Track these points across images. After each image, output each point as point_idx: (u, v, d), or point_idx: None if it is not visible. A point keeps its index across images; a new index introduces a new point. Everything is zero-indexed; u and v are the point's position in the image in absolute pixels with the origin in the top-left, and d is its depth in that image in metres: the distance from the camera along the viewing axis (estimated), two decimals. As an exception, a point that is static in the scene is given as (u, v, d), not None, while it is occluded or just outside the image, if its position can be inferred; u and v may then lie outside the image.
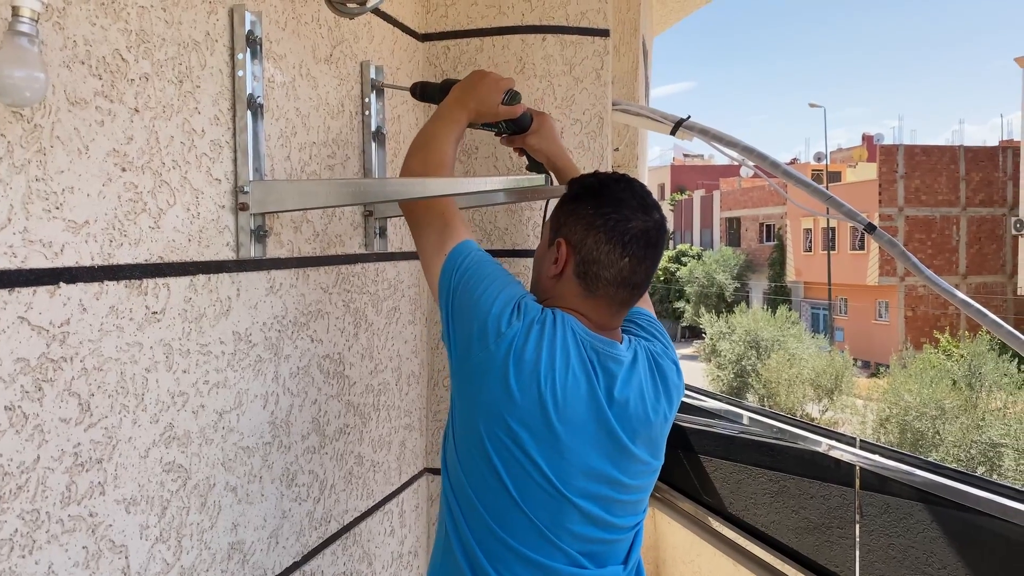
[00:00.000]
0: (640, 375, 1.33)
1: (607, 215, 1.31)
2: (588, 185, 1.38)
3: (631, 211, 1.32)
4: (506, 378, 1.23)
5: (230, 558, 1.32)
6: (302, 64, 1.51)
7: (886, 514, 3.05)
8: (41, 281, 0.97)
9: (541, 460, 1.24)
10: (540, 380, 1.23)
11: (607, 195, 1.34)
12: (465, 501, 1.30)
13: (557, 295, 1.35)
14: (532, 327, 1.25)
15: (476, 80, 1.55)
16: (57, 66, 0.98)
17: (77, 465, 1.02)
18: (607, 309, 1.34)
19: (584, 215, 1.32)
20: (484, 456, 1.26)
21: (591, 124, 2.04)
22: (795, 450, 3.50)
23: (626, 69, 2.67)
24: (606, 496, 1.30)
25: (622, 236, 1.30)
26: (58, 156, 0.99)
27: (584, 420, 1.26)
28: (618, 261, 1.30)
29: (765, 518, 3.58)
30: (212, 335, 1.27)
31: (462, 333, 1.28)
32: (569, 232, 1.34)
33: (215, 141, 1.27)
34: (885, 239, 2.08)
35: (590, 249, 1.31)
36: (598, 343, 1.30)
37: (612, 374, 1.29)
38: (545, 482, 1.25)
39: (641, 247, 1.31)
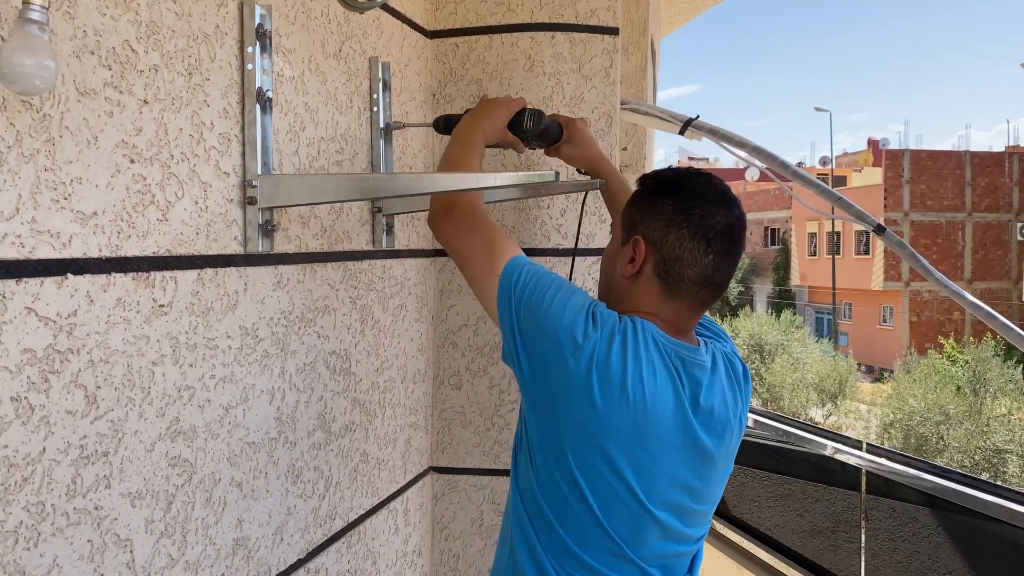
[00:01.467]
0: (721, 380, 1.29)
1: (690, 210, 1.24)
2: (666, 180, 1.32)
3: (714, 205, 1.25)
4: (590, 393, 1.17)
5: (235, 554, 1.31)
6: (311, 59, 1.51)
7: (891, 518, 3.04)
8: (49, 272, 0.96)
9: (630, 475, 1.20)
10: (628, 393, 1.17)
11: (688, 189, 1.27)
12: (540, 520, 1.25)
13: (634, 297, 1.29)
14: (613, 337, 1.18)
15: (483, 105, 1.53)
16: (67, 56, 0.98)
17: (83, 458, 1.01)
18: (687, 311, 1.28)
19: (664, 211, 1.26)
20: (568, 477, 1.21)
21: (600, 123, 2.03)
22: (800, 453, 3.49)
23: (634, 68, 2.67)
24: (685, 507, 1.26)
25: (706, 232, 1.23)
26: (67, 146, 0.98)
27: (671, 430, 1.21)
28: (702, 258, 1.24)
29: (769, 521, 3.57)
30: (219, 329, 1.26)
31: (535, 350, 1.22)
32: (647, 229, 1.27)
33: (224, 134, 1.27)
34: (894, 240, 2.07)
35: (672, 246, 1.24)
36: (682, 350, 1.24)
37: (697, 381, 1.24)
38: (631, 498, 1.21)
39: (725, 243, 1.25)
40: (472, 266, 1.33)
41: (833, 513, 3.31)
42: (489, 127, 1.49)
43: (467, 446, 2.09)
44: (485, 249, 1.31)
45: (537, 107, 1.61)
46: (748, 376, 1.39)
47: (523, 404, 1.30)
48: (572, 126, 1.65)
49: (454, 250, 1.38)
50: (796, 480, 3.54)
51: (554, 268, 2.03)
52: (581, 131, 1.66)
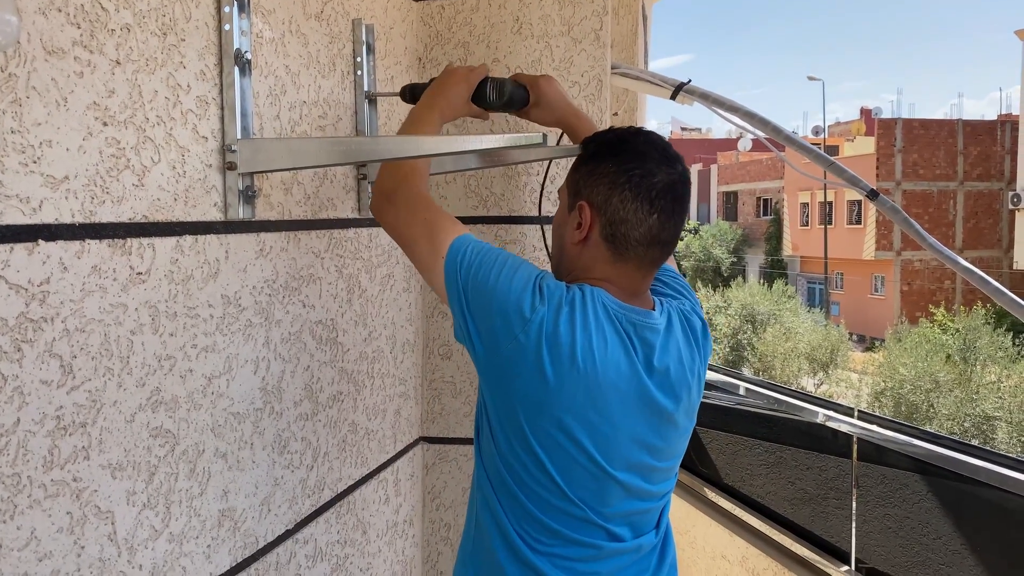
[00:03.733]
0: (676, 339, 1.29)
1: (630, 171, 1.24)
2: (605, 141, 1.31)
3: (655, 164, 1.25)
4: (541, 365, 1.18)
5: (220, 525, 1.29)
6: (292, 20, 1.46)
7: (882, 485, 3.05)
8: (19, 238, 0.93)
9: (587, 442, 1.21)
10: (579, 362, 1.18)
11: (627, 150, 1.27)
12: (504, 491, 1.27)
13: (584, 264, 1.30)
14: (561, 309, 1.19)
15: (443, 78, 1.49)
16: (32, 13, 0.94)
17: (60, 429, 0.99)
18: (638, 271, 1.28)
19: (606, 173, 1.26)
20: (527, 449, 1.22)
21: (589, 87, 1.99)
22: (792, 421, 3.49)
23: (625, 33, 2.62)
24: (647, 464, 1.28)
25: (649, 191, 1.23)
26: (35, 107, 0.95)
27: (626, 394, 1.22)
28: (647, 218, 1.24)
29: (761, 489, 3.58)
30: (200, 298, 1.23)
31: (485, 328, 1.22)
32: (591, 193, 1.27)
33: (201, 97, 1.23)
34: (888, 206, 2.04)
35: (616, 208, 1.24)
36: (633, 315, 1.24)
37: (650, 344, 1.24)
38: (590, 463, 1.22)
39: (669, 201, 1.25)
40: (417, 251, 1.32)
41: (824, 480, 3.32)
42: (446, 105, 1.45)
43: (457, 416, 2.08)
44: (428, 233, 1.29)
45: (501, 75, 1.56)
46: (707, 332, 1.39)
47: (479, 381, 1.30)
48: (537, 87, 1.58)
49: (398, 236, 1.36)
50: (787, 448, 3.54)
51: (545, 236, 2.00)
52: (546, 91, 1.59)
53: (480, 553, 1.31)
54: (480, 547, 1.32)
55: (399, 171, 1.36)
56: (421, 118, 1.43)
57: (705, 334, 1.38)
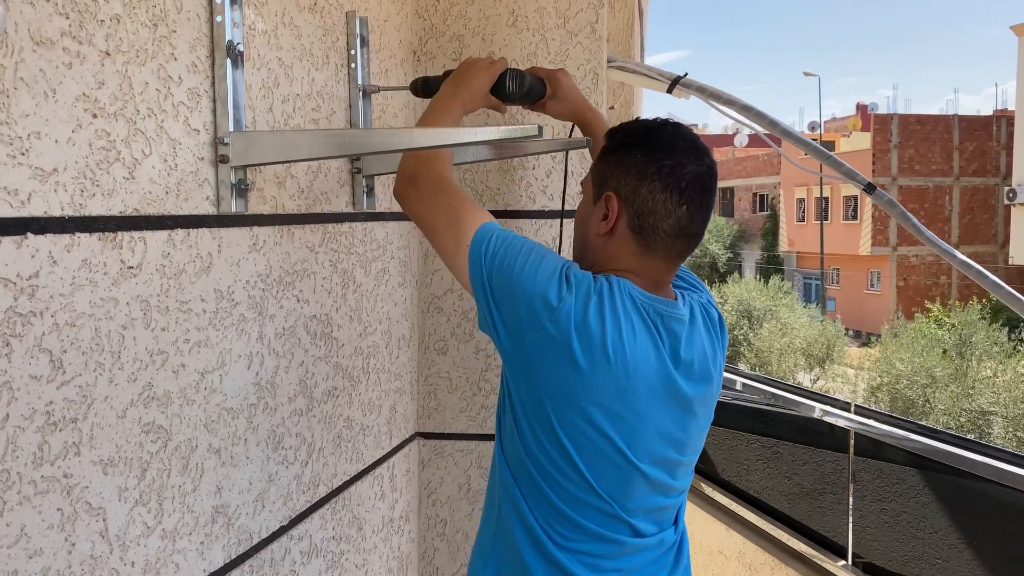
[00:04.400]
0: (700, 331, 1.28)
1: (660, 161, 1.22)
2: (633, 132, 1.29)
3: (684, 155, 1.23)
4: (571, 354, 1.16)
5: (214, 521, 1.28)
6: (285, 11, 1.45)
7: (879, 479, 3.05)
8: (7, 231, 0.92)
9: (614, 434, 1.20)
10: (609, 351, 1.17)
11: (656, 140, 1.25)
12: (527, 483, 1.25)
13: (609, 255, 1.28)
14: (589, 298, 1.17)
15: (464, 69, 1.48)
16: (20, 2, 0.92)
17: (50, 424, 0.98)
18: (664, 263, 1.27)
19: (634, 164, 1.24)
20: (554, 440, 1.21)
21: (586, 80, 1.98)
22: (789, 416, 3.49)
23: (621, 26, 2.61)
24: (671, 459, 1.27)
25: (678, 183, 1.21)
26: (22, 99, 0.93)
27: (654, 386, 1.21)
28: (676, 210, 1.22)
29: (758, 484, 3.58)
30: (192, 292, 1.22)
31: (511, 318, 1.20)
32: (619, 184, 1.25)
33: (193, 89, 1.22)
34: (885, 199, 2.04)
35: (644, 200, 1.22)
36: (660, 305, 1.23)
37: (676, 335, 1.23)
38: (618, 455, 1.21)
39: (698, 192, 1.23)
40: (440, 237, 1.30)
41: (821, 475, 3.32)
42: (468, 96, 1.45)
43: (453, 411, 2.07)
44: (452, 219, 1.28)
45: (517, 66, 1.56)
46: (724, 324, 1.38)
47: (504, 370, 1.29)
48: (554, 79, 1.59)
49: (421, 221, 1.35)
50: (784, 443, 3.54)
51: (540, 230, 1.99)
52: (564, 84, 1.60)
53: (501, 550, 1.30)
54: (502, 543, 1.29)
55: (422, 153, 1.35)
56: (443, 108, 1.41)
57: (722, 327, 1.37)
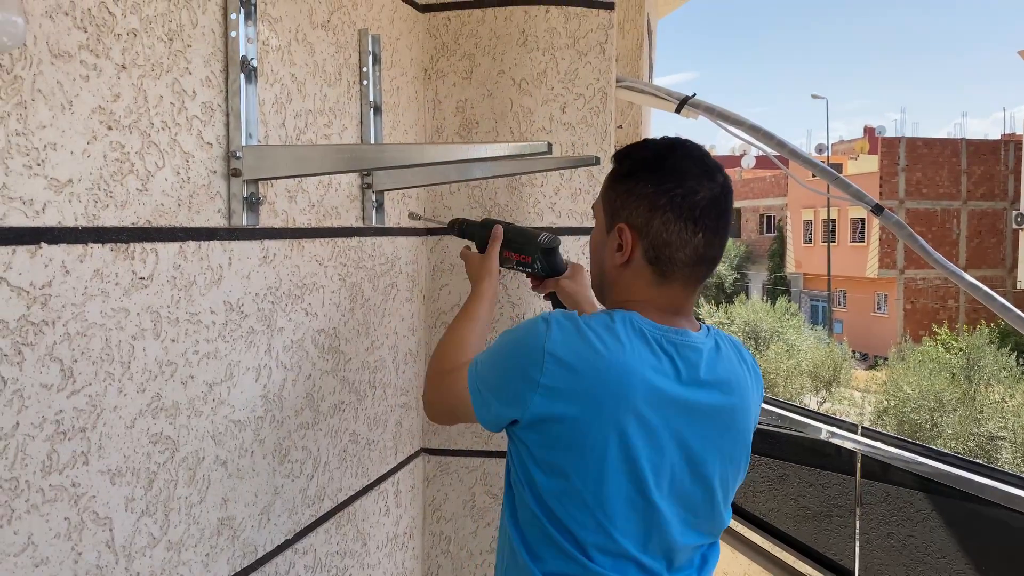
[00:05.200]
0: (728, 358, 1.23)
1: (671, 191, 1.17)
2: (641, 159, 1.23)
3: (695, 180, 1.18)
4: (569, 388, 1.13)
5: (219, 534, 1.28)
6: (298, 28, 1.47)
7: (886, 502, 3.02)
8: (21, 240, 0.93)
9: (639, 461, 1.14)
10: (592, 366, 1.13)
11: (666, 167, 1.19)
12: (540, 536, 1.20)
13: (626, 285, 1.24)
14: (568, 330, 1.15)
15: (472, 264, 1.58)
16: (39, 16, 0.94)
17: (59, 433, 0.98)
18: (683, 291, 1.22)
19: (645, 194, 1.19)
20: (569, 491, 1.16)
21: (594, 99, 1.99)
22: (795, 437, 3.47)
23: (630, 47, 2.62)
24: (693, 494, 1.21)
25: (692, 211, 1.16)
26: (40, 110, 0.95)
27: (669, 411, 1.16)
28: (692, 239, 1.17)
29: (764, 506, 3.56)
30: (202, 304, 1.23)
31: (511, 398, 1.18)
32: (630, 215, 1.20)
33: (207, 103, 1.23)
34: (892, 220, 2.04)
35: (659, 231, 1.18)
36: (672, 334, 1.18)
37: (693, 363, 1.18)
38: (637, 493, 1.15)
39: (713, 218, 1.18)
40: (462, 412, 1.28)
41: (828, 497, 3.29)
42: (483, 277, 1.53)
43: (459, 428, 2.07)
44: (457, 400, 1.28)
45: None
46: (758, 371, 1.33)
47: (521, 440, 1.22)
48: (575, 266, 1.60)
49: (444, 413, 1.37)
50: (791, 464, 3.52)
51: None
52: (583, 272, 1.58)
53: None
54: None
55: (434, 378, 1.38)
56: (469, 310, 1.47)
57: (757, 375, 1.32)
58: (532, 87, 1.97)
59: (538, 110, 1.98)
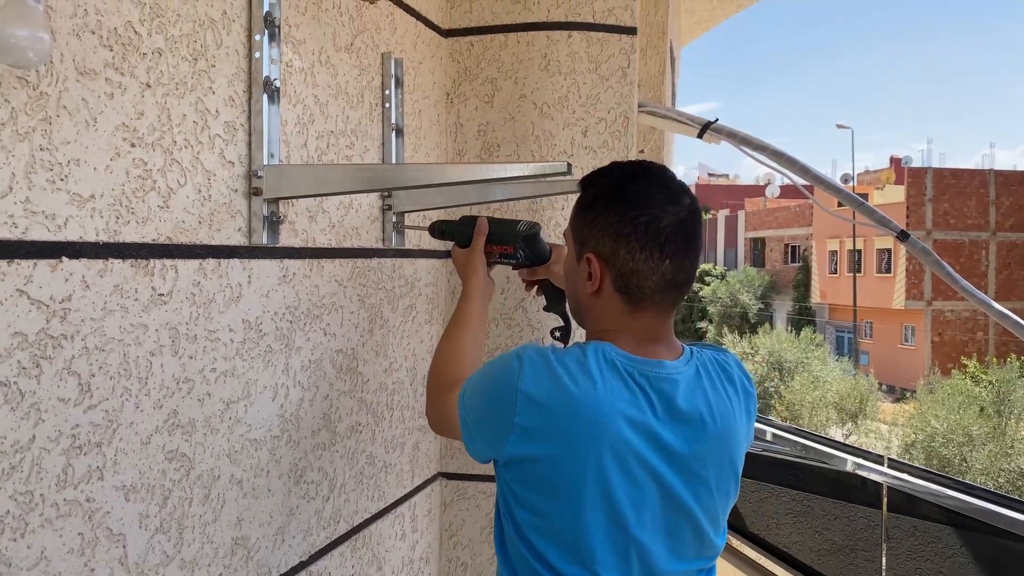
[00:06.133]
0: (706, 389, 1.20)
1: (635, 220, 1.16)
2: (605, 187, 1.22)
3: (659, 208, 1.16)
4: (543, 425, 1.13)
5: (233, 553, 1.27)
6: (322, 51, 1.48)
7: (914, 537, 2.95)
8: (42, 254, 0.93)
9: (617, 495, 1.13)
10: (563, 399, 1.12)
11: (629, 196, 1.18)
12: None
13: (599, 314, 1.23)
14: (538, 365, 1.14)
15: (457, 263, 1.57)
16: (66, 34, 0.96)
17: (75, 447, 0.98)
18: (656, 317, 1.21)
19: (609, 223, 1.18)
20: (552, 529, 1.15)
21: (616, 123, 1.99)
22: (820, 469, 3.41)
23: (653, 73, 2.63)
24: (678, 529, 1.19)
25: (656, 238, 1.16)
26: (64, 126, 0.96)
27: (641, 447, 1.13)
28: (659, 266, 1.16)
29: (787, 538, 3.49)
30: (221, 321, 1.23)
31: (490, 433, 1.18)
32: (597, 244, 1.20)
33: (229, 123, 1.24)
34: (919, 247, 2.01)
35: (625, 260, 1.17)
36: (645, 367, 1.16)
37: (667, 395, 1.16)
38: (615, 526, 1.14)
39: (680, 243, 1.17)
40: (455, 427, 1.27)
41: (853, 531, 3.23)
42: (471, 275, 1.51)
43: (477, 452, 2.05)
44: (445, 406, 1.31)
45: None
46: (747, 383, 1.29)
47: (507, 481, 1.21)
48: (559, 249, 1.56)
49: (446, 429, 1.36)
50: (815, 496, 3.46)
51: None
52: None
53: None
54: None
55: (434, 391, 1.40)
56: (462, 313, 1.48)
57: (743, 386, 1.28)
58: (554, 111, 1.98)
59: (559, 134, 1.98)
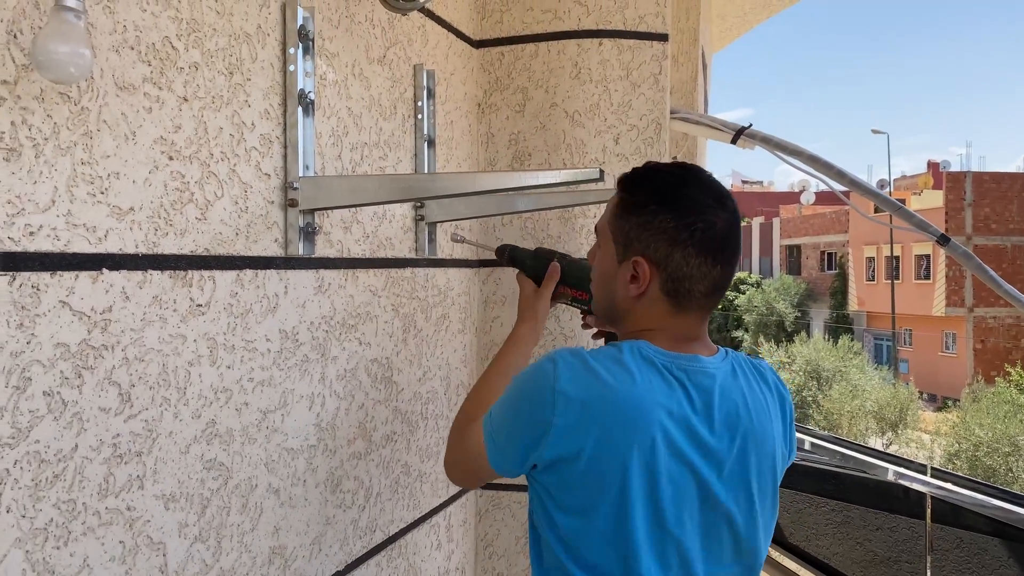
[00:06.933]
0: (743, 387, 1.19)
1: (692, 225, 1.15)
2: (656, 189, 1.20)
3: (712, 213, 1.16)
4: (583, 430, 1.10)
5: (271, 563, 1.28)
6: (355, 63, 1.50)
7: (959, 549, 2.88)
8: (84, 266, 0.95)
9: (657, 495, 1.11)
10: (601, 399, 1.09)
11: (683, 199, 1.17)
12: None
13: (640, 315, 1.21)
14: (575, 366, 1.11)
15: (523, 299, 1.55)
16: (106, 50, 0.98)
17: (116, 456, 1.00)
18: (699, 319, 1.21)
19: (664, 228, 1.16)
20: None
21: (648, 130, 1.98)
22: (861, 478, 3.35)
23: (685, 79, 2.62)
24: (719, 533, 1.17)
25: (712, 244, 1.16)
26: (104, 140, 0.98)
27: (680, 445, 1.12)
28: (710, 272, 1.17)
29: (828, 550, 3.42)
30: (258, 332, 1.24)
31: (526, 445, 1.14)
32: (647, 248, 1.17)
33: (265, 135, 1.26)
34: (960, 251, 1.97)
35: (679, 265, 1.16)
36: (683, 360, 1.16)
37: (706, 389, 1.15)
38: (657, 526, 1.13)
39: (731, 250, 1.18)
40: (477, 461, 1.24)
41: (896, 542, 3.16)
42: (536, 313, 1.52)
43: (512, 461, 2.04)
44: (466, 442, 1.26)
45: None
46: (785, 395, 1.28)
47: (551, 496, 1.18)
48: None
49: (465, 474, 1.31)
50: (856, 506, 3.39)
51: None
52: None
53: None
54: None
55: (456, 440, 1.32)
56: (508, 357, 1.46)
57: (782, 397, 1.27)
58: (585, 119, 1.97)
59: (591, 142, 1.98)
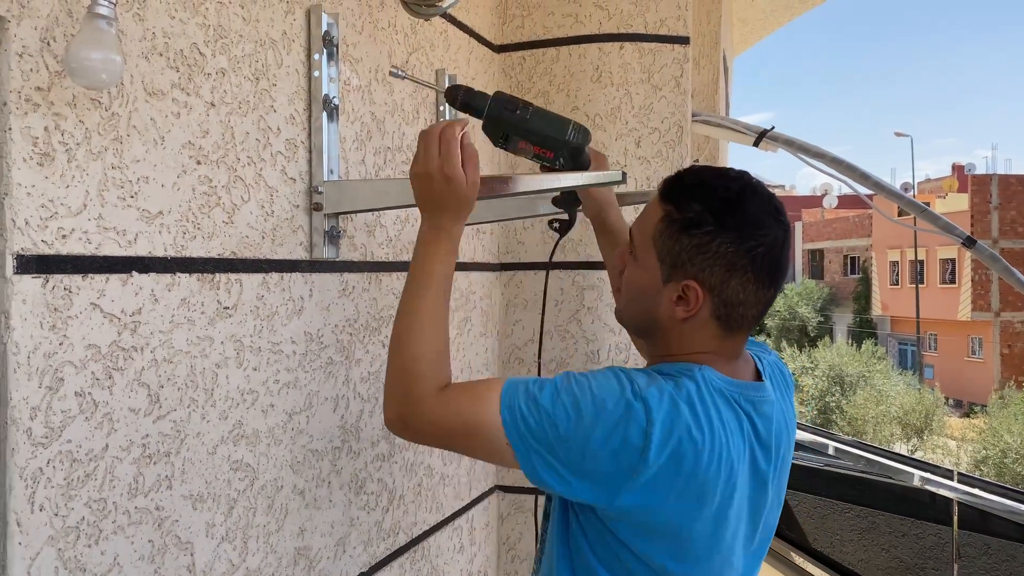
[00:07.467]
0: (779, 401, 1.18)
1: (753, 250, 1.07)
2: (713, 208, 1.08)
3: (770, 230, 1.08)
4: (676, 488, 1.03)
5: (296, 563, 1.29)
6: (378, 68, 1.51)
7: (987, 555, 2.85)
8: (114, 269, 0.97)
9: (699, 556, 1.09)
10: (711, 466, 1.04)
11: (742, 218, 1.08)
12: None
13: (686, 338, 1.13)
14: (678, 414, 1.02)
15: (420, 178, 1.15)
16: (136, 56, 0.99)
17: (145, 457, 1.01)
18: (744, 337, 1.16)
19: (723, 253, 1.07)
20: None
21: (669, 133, 1.98)
22: (886, 484, 3.32)
23: (706, 82, 2.61)
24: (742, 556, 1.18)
25: (770, 267, 1.08)
26: (134, 145, 0.99)
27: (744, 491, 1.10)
28: (765, 295, 1.10)
29: (853, 556, 3.40)
30: (284, 334, 1.26)
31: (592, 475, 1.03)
32: (701, 272, 1.08)
33: (290, 140, 1.27)
34: (987, 253, 1.95)
35: (735, 291, 1.08)
36: (749, 391, 1.11)
37: (768, 416, 1.13)
38: None
39: (784, 268, 1.13)
40: (475, 452, 1.14)
41: (922, 549, 3.13)
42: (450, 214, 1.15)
43: (534, 465, 2.04)
44: (468, 434, 1.09)
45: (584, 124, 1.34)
46: (791, 377, 1.29)
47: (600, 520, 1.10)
48: (599, 160, 1.45)
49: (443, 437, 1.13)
50: (881, 512, 3.36)
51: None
52: (606, 160, 1.51)
53: None
54: None
55: (396, 390, 1.14)
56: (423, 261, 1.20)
57: (789, 381, 1.29)
58: (606, 122, 1.98)
59: (612, 145, 1.98)
